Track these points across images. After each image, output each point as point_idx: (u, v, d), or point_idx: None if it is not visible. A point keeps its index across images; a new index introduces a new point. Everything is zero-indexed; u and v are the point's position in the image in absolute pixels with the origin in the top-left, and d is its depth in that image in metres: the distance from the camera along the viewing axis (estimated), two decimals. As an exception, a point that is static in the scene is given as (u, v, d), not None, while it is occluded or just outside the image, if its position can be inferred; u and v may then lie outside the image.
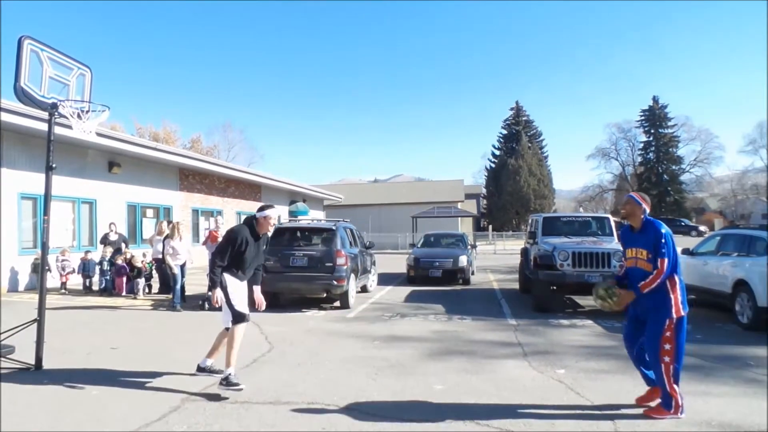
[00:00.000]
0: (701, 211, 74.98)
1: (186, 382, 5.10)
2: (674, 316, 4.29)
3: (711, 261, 9.37)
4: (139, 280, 11.91)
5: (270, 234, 5.23)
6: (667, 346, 4.25)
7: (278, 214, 5.21)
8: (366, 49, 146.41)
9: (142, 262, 12.38)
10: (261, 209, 5.11)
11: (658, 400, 4.31)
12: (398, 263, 19.32)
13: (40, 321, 5.66)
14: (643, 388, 4.95)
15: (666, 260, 4.27)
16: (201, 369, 5.23)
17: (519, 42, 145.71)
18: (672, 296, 4.32)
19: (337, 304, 10.10)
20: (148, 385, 5.06)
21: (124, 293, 11.86)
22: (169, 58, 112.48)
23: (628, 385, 5.10)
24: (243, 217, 23.14)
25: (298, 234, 10.77)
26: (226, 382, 4.73)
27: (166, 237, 10.58)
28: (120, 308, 10.07)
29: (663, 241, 4.29)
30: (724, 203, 73.20)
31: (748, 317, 7.92)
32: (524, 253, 12.68)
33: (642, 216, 4.47)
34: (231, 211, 22.46)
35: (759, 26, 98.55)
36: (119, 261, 11.76)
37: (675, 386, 4.20)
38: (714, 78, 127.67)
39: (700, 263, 9.66)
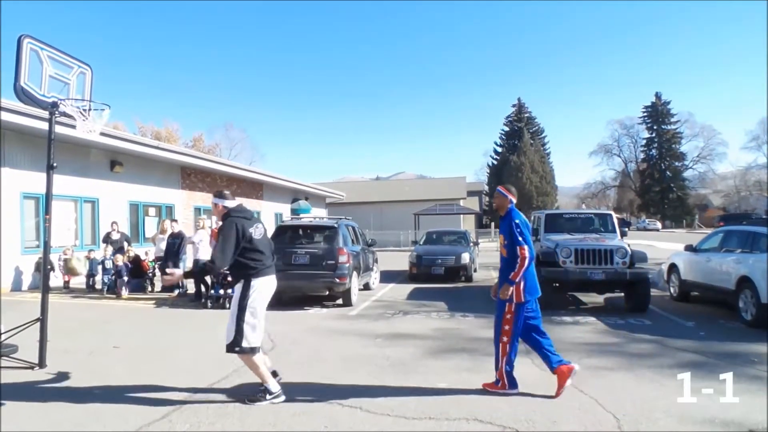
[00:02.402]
0: (704, 208, 74.76)
1: (189, 381, 5.10)
2: (515, 301, 4.67)
3: (714, 257, 9.33)
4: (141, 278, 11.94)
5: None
6: (507, 327, 4.70)
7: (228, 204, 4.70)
8: (367, 47, 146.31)
9: (144, 260, 12.42)
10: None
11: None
12: (400, 261, 19.32)
13: (42, 320, 5.67)
14: (644, 385, 4.95)
15: (525, 247, 4.60)
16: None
17: (521, 39, 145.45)
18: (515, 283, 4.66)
19: (340, 301, 10.11)
20: (150, 384, 5.06)
21: (126, 292, 11.88)
22: (171, 57, 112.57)
23: (631, 382, 5.08)
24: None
25: (300, 232, 10.78)
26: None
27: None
28: (123, 307, 10.09)
29: (518, 230, 4.62)
30: (727, 200, 72.95)
31: (752, 314, 7.89)
32: (526, 250, 12.63)
33: (508, 206, 4.85)
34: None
35: (761, 22, 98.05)
36: (119, 261, 11.77)
37: (506, 366, 4.65)
38: (717, 74, 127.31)
39: (703, 260, 9.62)
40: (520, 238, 4.62)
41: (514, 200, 4.91)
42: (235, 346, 4.39)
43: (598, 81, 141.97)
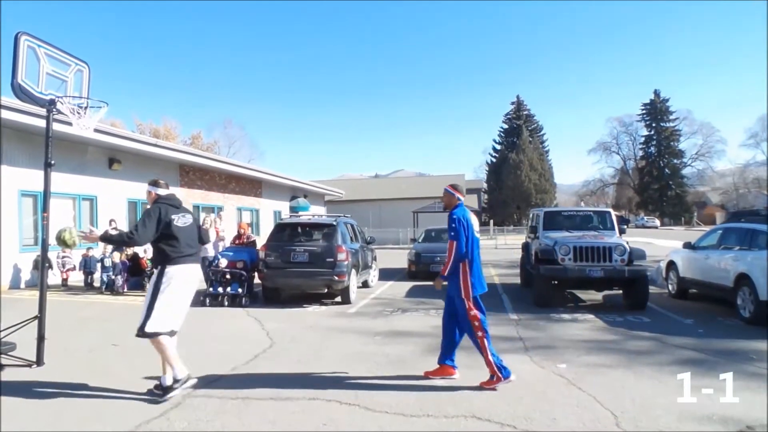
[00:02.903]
0: (703, 205, 74.87)
1: (187, 379, 5.09)
2: (464, 298, 4.84)
3: (713, 255, 9.34)
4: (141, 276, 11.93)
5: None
6: (476, 323, 4.80)
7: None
8: (367, 45, 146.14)
9: (143, 258, 12.40)
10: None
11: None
12: (399, 258, 19.33)
13: (41, 318, 5.66)
14: (643, 382, 4.96)
15: (454, 243, 4.77)
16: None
17: (520, 36, 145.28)
18: (461, 280, 4.83)
19: (338, 299, 10.10)
20: (149, 381, 5.05)
21: (125, 290, 11.88)
22: (169, 54, 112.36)
23: (629, 380, 5.09)
24: (243, 213, 23.31)
25: (299, 229, 10.76)
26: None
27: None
28: (121, 305, 10.08)
29: (453, 225, 4.81)
30: (726, 197, 73.06)
31: (750, 311, 7.90)
32: (525, 247, 12.66)
33: (456, 204, 5.07)
34: (232, 207, 22.44)
35: (761, 20, 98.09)
36: (117, 259, 11.75)
37: (491, 357, 4.76)
38: (716, 71, 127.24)
39: (702, 257, 9.63)
40: (452, 233, 4.80)
41: (462, 198, 5.14)
42: (140, 330, 4.49)
43: (597, 78, 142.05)
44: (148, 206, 4.88)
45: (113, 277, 11.74)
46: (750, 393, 4.68)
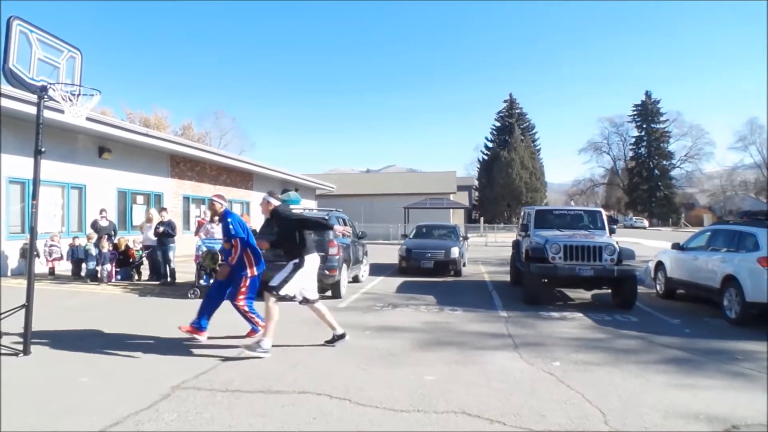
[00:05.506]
0: (691, 207, 75.69)
1: (176, 370, 5.07)
2: (249, 275, 6.30)
3: (701, 256, 9.44)
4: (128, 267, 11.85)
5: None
6: (242, 296, 6.33)
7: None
8: (359, 39, 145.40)
9: (131, 249, 12.32)
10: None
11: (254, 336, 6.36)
12: (390, 254, 19.35)
13: (28, 307, 5.60)
14: (630, 380, 5.02)
15: (238, 239, 6.15)
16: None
17: (513, 34, 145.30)
18: (247, 262, 6.26)
19: (329, 293, 10.08)
20: (137, 372, 5.03)
21: (113, 280, 11.79)
22: (160, 42, 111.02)
23: (617, 378, 5.14)
24: (233, 206, 23.17)
25: (290, 223, 10.69)
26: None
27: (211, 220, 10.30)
28: (109, 295, 10.00)
29: (231, 228, 6.18)
30: (713, 199, 73.90)
31: (736, 312, 8.01)
32: (516, 245, 12.72)
33: (221, 210, 6.52)
34: (222, 199, 22.27)
35: (753, 24, 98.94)
36: (105, 249, 11.66)
37: (252, 314, 6.43)
38: (706, 74, 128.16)
39: (690, 258, 9.74)
40: (233, 233, 6.16)
41: (225, 205, 6.66)
42: (277, 290, 5.78)
43: (589, 78, 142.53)
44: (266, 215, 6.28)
45: (97, 267, 11.64)
46: (735, 392, 4.75)
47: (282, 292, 5.77)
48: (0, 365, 5.09)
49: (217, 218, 6.99)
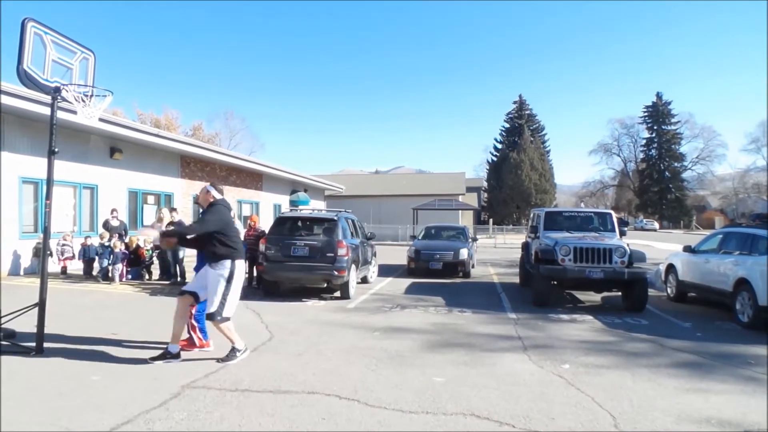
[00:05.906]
0: (702, 209, 74.90)
1: (186, 369, 5.10)
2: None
3: (713, 259, 9.34)
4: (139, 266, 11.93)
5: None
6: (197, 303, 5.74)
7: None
8: (369, 40, 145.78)
9: (142, 248, 12.40)
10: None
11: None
12: (399, 255, 19.33)
13: (41, 305, 5.65)
14: (641, 384, 4.99)
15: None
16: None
17: (523, 35, 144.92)
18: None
19: (338, 294, 10.10)
20: (148, 371, 5.06)
21: (124, 279, 11.88)
22: (171, 44, 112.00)
23: (628, 381, 5.10)
24: (243, 206, 23.29)
25: (300, 223, 10.75)
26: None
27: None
28: (120, 294, 10.08)
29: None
30: (726, 201, 73.11)
31: (749, 316, 7.92)
32: (525, 247, 12.67)
33: (211, 200, 5.68)
34: (232, 200, 22.40)
35: (762, 25, 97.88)
36: (117, 248, 11.75)
37: (196, 327, 5.93)
38: (718, 75, 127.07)
39: (702, 261, 9.64)
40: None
41: (218, 196, 5.73)
42: (216, 315, 5.26)
43: (600, 80, 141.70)
44: (202, 204, 5.70)
45: (109, 266, 11.72)
46: (747, 397, 4.70)
47: (225, 315, 5.29)
48: (0, 365, 5.14)
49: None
